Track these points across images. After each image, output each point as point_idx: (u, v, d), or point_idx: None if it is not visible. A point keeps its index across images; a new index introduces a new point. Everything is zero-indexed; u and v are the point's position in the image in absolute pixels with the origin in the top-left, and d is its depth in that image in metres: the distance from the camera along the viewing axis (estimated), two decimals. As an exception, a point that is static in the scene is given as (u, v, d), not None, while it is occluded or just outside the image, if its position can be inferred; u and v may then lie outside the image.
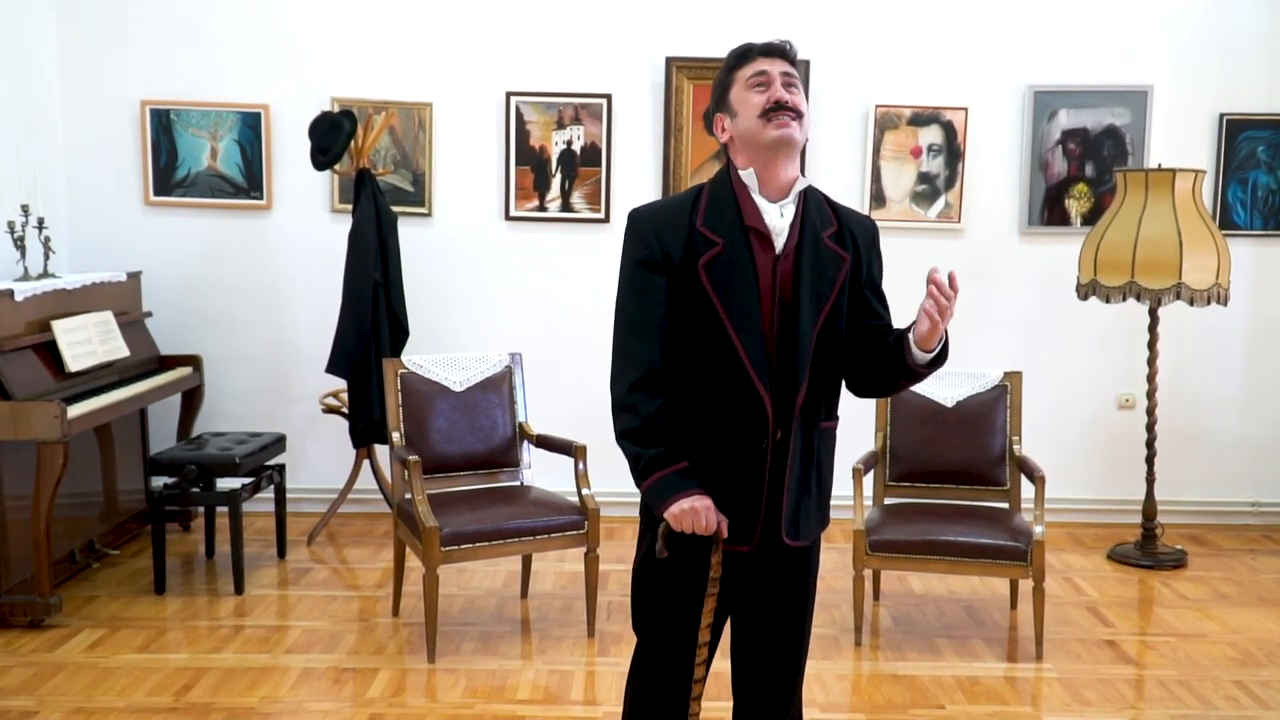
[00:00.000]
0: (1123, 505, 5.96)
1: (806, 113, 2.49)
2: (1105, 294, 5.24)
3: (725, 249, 2.44)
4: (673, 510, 2.42)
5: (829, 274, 2.48)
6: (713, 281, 2.43)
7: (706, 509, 2.42)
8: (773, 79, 2.46)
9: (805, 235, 2.47)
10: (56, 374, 4.72)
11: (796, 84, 2.49)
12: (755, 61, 2.48)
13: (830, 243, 2.50)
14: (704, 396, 2.47)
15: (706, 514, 2.42)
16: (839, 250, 2.50)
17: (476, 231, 5.93)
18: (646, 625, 2.68)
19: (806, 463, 2.54)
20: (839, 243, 2.51)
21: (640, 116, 5.87)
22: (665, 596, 2.62)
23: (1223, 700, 3.96)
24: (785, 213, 2.47)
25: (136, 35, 5.78)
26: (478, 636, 4.43)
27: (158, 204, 5.87)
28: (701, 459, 2.47)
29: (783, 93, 2.44)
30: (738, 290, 2.43)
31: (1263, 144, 5.87)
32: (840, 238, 2.52)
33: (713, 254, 2.43)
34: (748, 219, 2.46)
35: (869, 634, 4.49)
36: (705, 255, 2.43)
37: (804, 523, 2.57)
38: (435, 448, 4.57)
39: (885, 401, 4.71)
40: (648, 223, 2.50)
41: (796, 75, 2.51)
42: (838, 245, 2.51)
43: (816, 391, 2.51)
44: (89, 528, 5.09)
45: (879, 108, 5.82)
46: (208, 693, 3.90)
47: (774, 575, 2.60)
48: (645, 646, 2.70)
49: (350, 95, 5.77)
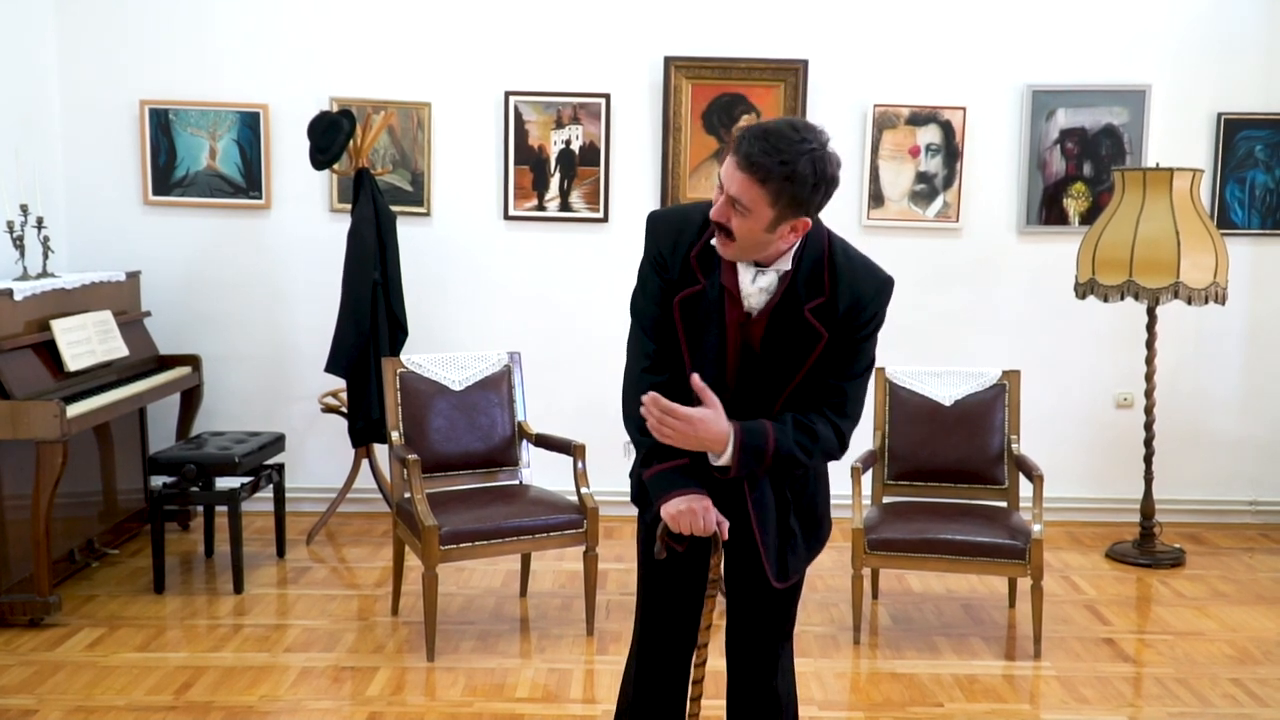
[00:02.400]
0: (1121, 504, 5.97)
1: (744, 234, 2.32)
2: (1103, 293, 5.25)
3: (704, 291, 2.43)
4: (669, 509, 2.42)
5: (803, 347, 2.42)
6: (684, 318, 2.45)
7: (704, 510, 2.40)
8: (722, 193, 2.32)
9: (783, 305, 2.42)
10: (56, 373, 4.72)
11: (745, 209, 2.29)
12: (728, 160, 2.32)
13: (811, 316, 2.41)
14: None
15: (705, 515, 2.40)
16: (818, 326, 2.41)
17: (475, 231, 5.93)
18: (642, 615, 2.72)
19: (779, 509, 2.54)
20: (821, 317, 2.41)
21: (639, 116, 5.87)
22: (662, 591, 2.65)
23: (1220, 698, 3.97)
24: (758, 280, 2.42)
25: (135, 35, 5.78)
26: (477, 635, 4.44)
27: (157, 204, 5.87)
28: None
29: (722, 210, 2.33)
30: (704, 336, 2.45)
31: (1260, 143, 5.88)
32: (825, 311, 2.41)
33: (692, 292, 2.44)
34: (723, 274, 2.44)
35: (867, 632, 4.49)
36: (685, 290, 2.44)
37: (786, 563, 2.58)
38: (434, 447, 4.57)
39: (883, 401, 4.72)
40: (664, 227, 2.51)
41: (749, 199, 2.28)
42: (818, 320, 2.41)
43: None
44: (88, 527, 5.09)
45: (877, 107, 5.83)
46: (207, 691, 3.91)
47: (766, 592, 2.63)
48: (639, 635, 2.73)
49: (349, 95, 5.77)
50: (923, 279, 5.88)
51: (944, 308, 5.94)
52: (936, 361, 5.24)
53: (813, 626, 4.51)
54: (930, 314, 5.91)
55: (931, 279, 5.91)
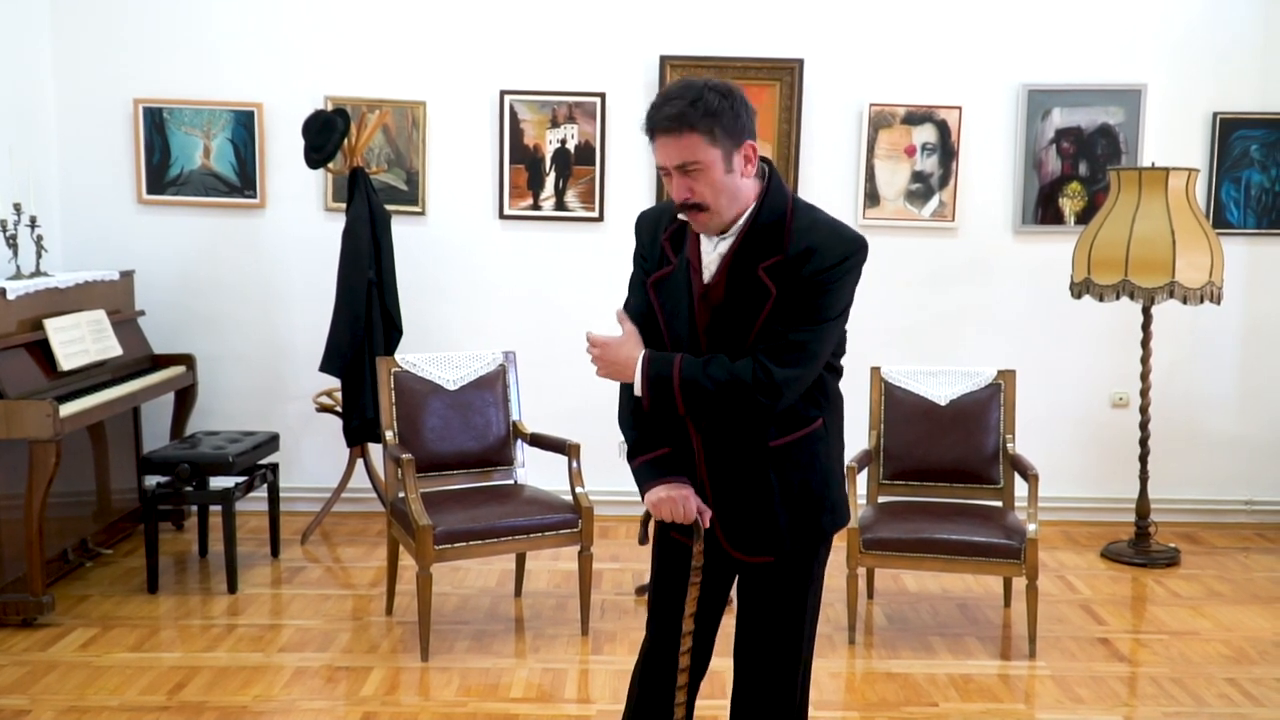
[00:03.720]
0: (1116, 503, 5.97)
1: (714, 195, 2.37)
2: (1099, 293, 5.25)
3: (675, 270, 2.51)
4: (650, 498, 2.51)
5: (752, 306, 2.41)
6: (659, 299, 2.53)
7: (684, 498, 2.48)
8: (669, 173, 2.38)
9: (736, 267, 2.43)
10: (49, 373, 4.71)
11: (696, 165, 2.34)
12: (655, 145, 2.37)
13: (764, 274, 2.40)
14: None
15: (684, 503, 2.48)
16: (768, 282, 2.39)
17: (470, 230, 5.93)
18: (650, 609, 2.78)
19: (754, 479, 2.51)
20: (774, 273, 2.39)
21: (634, 115, 5.83)
22: (654, 582, 2.73)
23: (1215, 698, 3.97)
24: (719, 247, 2.46)
25: (130, 33, 5.77)
26: (471, 635, 4.43)
27: (151, 202, 5.85)
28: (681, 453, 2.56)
29: (680, 190, 2.37)
30: (676, 313, 2.51)
31: (1256, 143, 5.88)
32: (778, 270, 2.39)
33: (663, 273, 2.53)
34: (689, 248, 2.51)
35: (863, 632, 4.49)
36: (658, 272, 2.54)
37: (759, 539, 2.55)
38: (429, 446, 4.56)
39: (879, 400, 4.71)
40: (644, 223, 2.65)
41: (695, 156, 2.33)
42: (769, 277, 2.39)
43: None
44: (82, 527, 5.08)
45: (873, 106, 5.83)
46: (200, 692, 3.90)
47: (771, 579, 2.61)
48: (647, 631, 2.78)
49: (344, 94, 5.76)
50: (918, 278, 5.88)
51: (940, 307, 5.94)
52: (932, 361, 5.24)
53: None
54: (926, 313, 5.91)
55: (927, 279, 5.91)
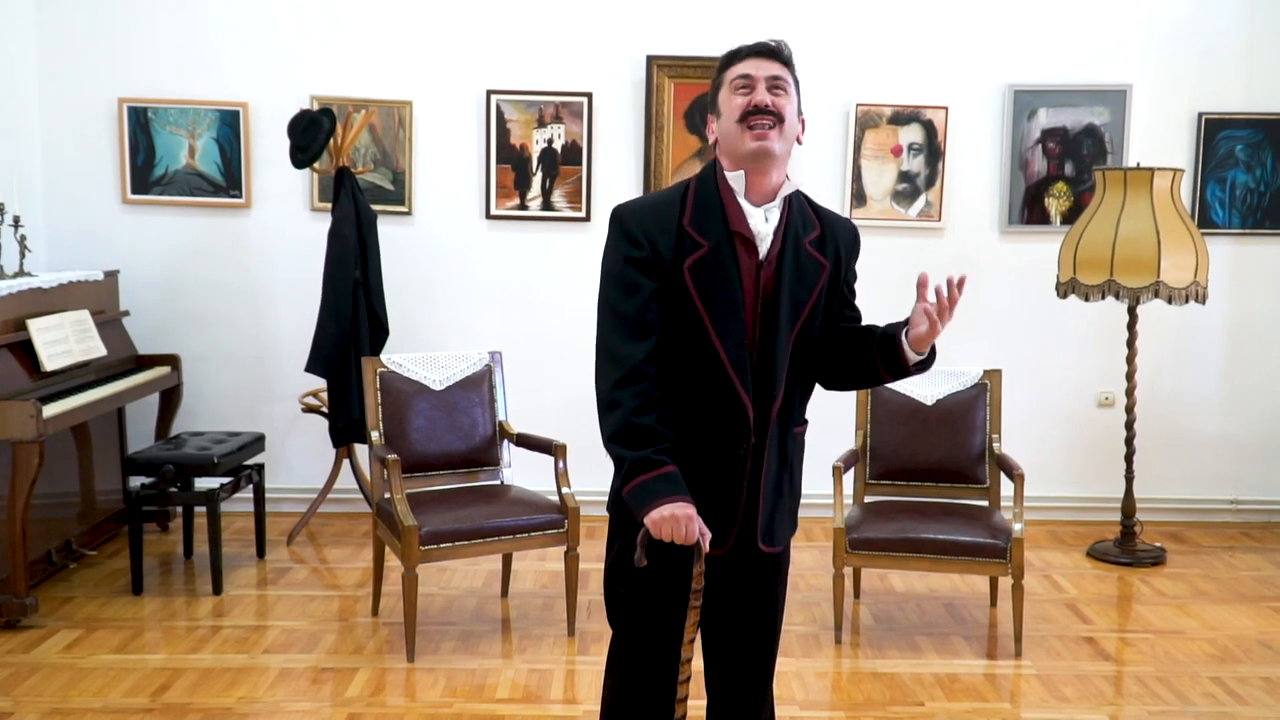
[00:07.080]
0: (1102, 503, 5.99)
1: (790, 117, 2.44)
2: (1084, 292, 5.26)
3: (710, 251, 2.40)
4: (653, 516, 2.31)
5: (808, 280, 2.47)
6: (696, 284, 2.39)
7: (688, 518, 2.31)
8: (756, 82, 2.42)
9: (788, 241, 2.45)
10: (32, 373, 4.68)
11: (785, 87, 2.44)
12: (743, 63, 2.44)
13: (811, 249, 2.48)
14: (684, 399, 2.44)
15: (688, 524, 2.30)
16: (819, 257, 2.49)
17: (457, 230, 5.91)
18: (623, 627, 2.62)
19: (781, 467, 2.53)
20: (820, 249, 2.50)
21: (621, 115, 5.86)
22: (643, 605, 2.54)
23: (1200, 696, 3.98)
24: (770, 217, 2.45)
25: (114, 32, 5.74)
26: (457, 636, 4.42)
27: (135, 202, 5.83)
28: (681, 461, 2.39)
29: (763, 96, 2.41)
30: (721, 294, 2.39)
31: (1241, 143, 5.90)
32: (822, 243, 2.51)
33: (698, 256, 2.40)
34: (733, 223, 2.43)
35: (849, 632, 4.49)
36: (690, 257, 2.39)
37: (779, 528, 2.56)
38: (415, 447, 4.55)
39: (865, 400, 4.72)
40: (636, 221, 2.43)
41: (787, 79, 2.45)
42: (818, 251, 2.50)
43: (791, 396, 2.51)
44: (66, 528, 5.05)
45: (859, 106, 5.83)
46: (185, 693, 3.88)
47: (745, 579, 2.58)
48: (621, 646, 2.64)
49: (329, 93, 5.74)
50: (905, 278, 5.85)
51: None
52: (918, 361, 5.24)
53: (794, 626, 4.51)
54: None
55: (913, 278, 5.88)
